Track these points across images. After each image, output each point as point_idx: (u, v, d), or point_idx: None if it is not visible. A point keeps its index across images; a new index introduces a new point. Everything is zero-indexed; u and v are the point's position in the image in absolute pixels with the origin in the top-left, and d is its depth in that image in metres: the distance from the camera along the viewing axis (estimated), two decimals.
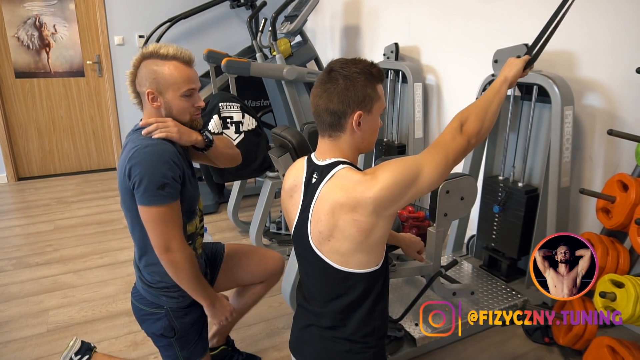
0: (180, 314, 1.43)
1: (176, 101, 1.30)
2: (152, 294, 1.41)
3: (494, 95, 1.18)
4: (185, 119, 1.33)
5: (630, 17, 1.87)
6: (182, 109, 1.31)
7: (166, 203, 1.22)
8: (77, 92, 4.16)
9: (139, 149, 1.23)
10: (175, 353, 1.47)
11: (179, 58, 1.29)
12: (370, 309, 1.13)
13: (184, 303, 1.43)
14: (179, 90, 1.28)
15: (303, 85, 3.19)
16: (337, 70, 1.07)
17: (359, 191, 1.00)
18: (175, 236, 1.25)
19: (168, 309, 1.42)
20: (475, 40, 2.63)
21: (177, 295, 1.41)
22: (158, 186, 1.19)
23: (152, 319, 1.43)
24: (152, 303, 1.43)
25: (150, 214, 1.22)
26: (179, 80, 1.27)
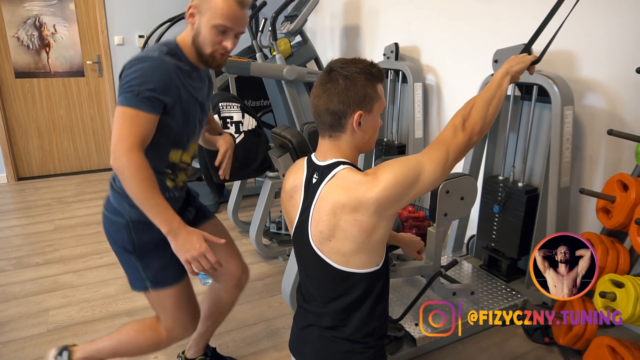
0: (141, 228, 1.31)
1: (206, 29, 1.23)
2: (117, 200, 1.32)
3: (496, 89, 1.16)
4: (207, 51, 1.26)
5: (630, 17, 1.87)
6: (207, 39, 1.25)
7: (135, 108, 1.16)
8: (77, 92, 4.17)
9: (140, 57, 1.21)
10: (139, 273, 1.36)
11: None
12: (370, 309, 1.13)
13: (144, 217, 1.24)
14: (214, 19, 1.22)
15: (303, 85, 3.20)
16: (337, 70, 1.07)
17: (361, 192, 1.00)
18: (125, 140, 1.15)
19: (129, 219, 1.31)
20: (475, 40, 2.63)
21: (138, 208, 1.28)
22: (137, 92, 1.15)
23: (114, 229, 1.34)
24: (115, 210, 1.33)
25: (118, 113, 1.17)
26: (220, 10, 1.21)
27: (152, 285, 1.38)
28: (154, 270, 1.37)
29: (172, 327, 1.44)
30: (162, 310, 1.44)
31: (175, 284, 1.40)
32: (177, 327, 1.45)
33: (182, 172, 1.43)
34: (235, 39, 1.29)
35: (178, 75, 1.25)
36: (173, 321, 1.44)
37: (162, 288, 1.38)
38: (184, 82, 1.28)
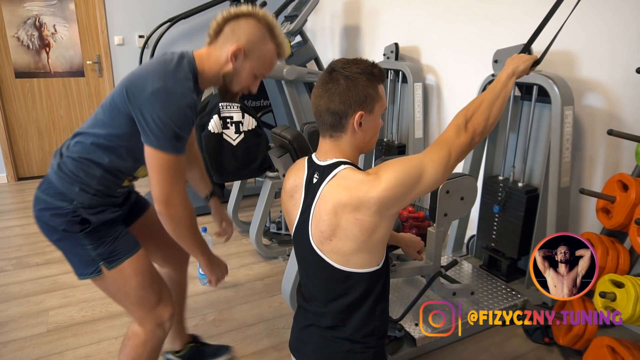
0: (90, 212, 1.27)
1: (247, 73, 1.26)
2: (65, 184, 1.25)
3: (501, 89, 1.16)
4: (235, 89, 1.30)
5: (630, 17, 1.87)
6: (243, 81, 1.28)
7: (177, 154, 1.16)
8: (77, 92, 4.16)
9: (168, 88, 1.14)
10: (89, 253, 1.27)
11: (280, 46, 1.27)
12: (370, 309, 1.13)
13: (96, 202, 1.27)
14: (259, 69, 1.27)
15: (303, 85, 3.20)
16: (339, 71, 1.07)
17: (363, 191, 1.00)
18: (178, 190, 1.19)
19: (78, 204, 1.25)
20: (475, 40, 2.63)
21: (93, 193, 1.27)
22: (174, 135, 1.14)
23: (52, 213, 1.25)
24: (60, 194, 1.25)
25: (159, 159, 1.15)
26: (266, 63, 1.27)
27: (107, 262, 1.28)
28: (106, 245, 1.28)
29: (146, 315, 1.35)
30: (126, 298, 1.34)
31: (132, 253, 1.32)
32: (147, 314, 1.35)
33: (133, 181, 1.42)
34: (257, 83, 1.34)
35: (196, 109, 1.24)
36: (143, 306, 1.34)
37: (118, 262, 1.29)
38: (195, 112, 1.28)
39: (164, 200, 1.18)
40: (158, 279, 1.40)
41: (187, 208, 1.22)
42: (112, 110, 1.24)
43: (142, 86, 1.15)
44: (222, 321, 2.10)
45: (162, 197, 1.18)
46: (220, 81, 1.29)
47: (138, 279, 1.32)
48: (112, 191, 1.32)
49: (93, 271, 1.29)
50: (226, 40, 1.24)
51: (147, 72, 1.19)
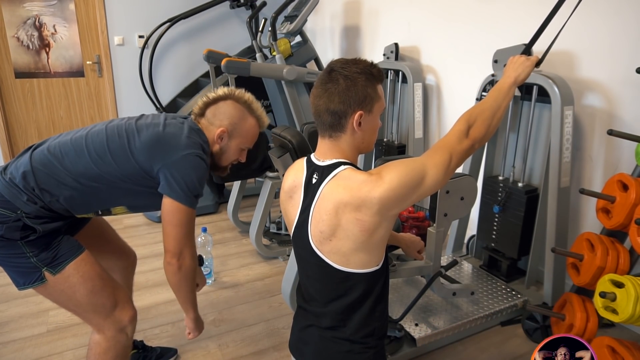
0: (36, 222, 1.24)
1: (233, 150, 1.41)
2: (12, 194, 1.22)
3: (503, 98, 1.18)
4: (224, 163, 1.43)
5: (630, 17, 1.87)
6: (231, 157, 1.43)
7: (194, 207, 1.29)
8: (77, 93, 4.16)
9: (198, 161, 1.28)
10: (31, 261, 1.23)
11: (260, 119, 1.42)
12: (370, 309, 1.13)
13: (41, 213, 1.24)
14: (243, 144, 1.42)
15: (303, 86, 3.20)
16: (338, 71, 1.07)
17: (364, 191, 1.00)
18: (190, 245, 1.30)
19: (22, 214, 1.21)
20: (475, 40, 2.63)
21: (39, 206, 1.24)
22: (195, 194, 1.28)
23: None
24: (4, 201, 1.22)
25: (180, 212, 1.26)
26: (250, 137, 1.42)
27: (51, 268, 1.24)
28: (47, 251, 1.24)
29: (104, 322, 1.32)
30: (78, 306, 1.30)
31: (75, 256, 1.28)
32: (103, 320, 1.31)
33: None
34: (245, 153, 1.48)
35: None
36: (98, 313, 1.30)
37: (62, 267, 1.25)
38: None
39: (178, 252, 1.27)
40: (110, 282, 1.36)
41: (194, 262, 1.32)
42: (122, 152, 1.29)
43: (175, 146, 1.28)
44: (222, 321, 2.10)
45: (176, 249, 1.27)
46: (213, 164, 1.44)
47: (87, 284, 1.28)
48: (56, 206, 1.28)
49: (36, 279, 1.24)
50: (210, 124, 1.39)
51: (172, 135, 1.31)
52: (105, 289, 1.33)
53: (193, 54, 4.27)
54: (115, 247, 1.65)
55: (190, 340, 1.94)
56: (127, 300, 1.40)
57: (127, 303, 1.39)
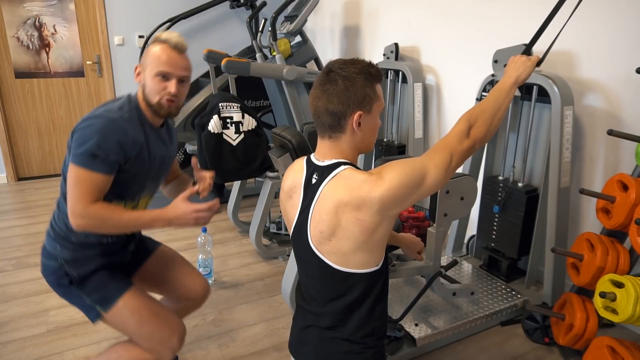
0: (75, 265, 1.38)
1: (149, 79, 1.31)
2: (51, 244, 1.38)
3: (504, 99, 1.18)
4: (153, 100, 1.32)
5: (630, 17, 1.87)
6: (152, 89, 1.32)
7: (91, 170, 1.22)
8: (77, 92, 4.17)
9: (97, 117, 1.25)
10: (86, 302, 1.38)
11: (167, 42, 1.32)
12: (370, 309, 1.12)
13: (77, 255, 1.38)
14: (154, 68, 1.30)
15: (303, 86, 3.20)
16: (336, 71, 1.06)
17: (365, 191, 1.00)
18: (80, 202, 1.23)
19: (62, 261, 1.37)
20: (475, 40, 2.63)
21: (72, 248, 1.37)
22: (90, 153, 1.21)
23: (49, 271, 1.40)
24: (49, 254, 1.39)
25: (71, 171, 1.23)
26: (157, 59, 1.30)
27: (102, 306, 1.37)
28: (97, 292, 1.38)
29: (151, 347, 1.40)
30: (131, 334, 1.41)
31: (122, 294, 1.38)
32: (155, 345, 1.39)
33: None
34: (180, 85, 1.34)
35: (136, 134, 1.30)
36: (147, 340, 1.39)
37: (111, 305, 1.37)
38: (142, 141, 1.33)
39: (70, 211, 1.24)
40: (159, 313, 1.42)
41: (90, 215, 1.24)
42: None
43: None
44: (222, 321, 2.11)
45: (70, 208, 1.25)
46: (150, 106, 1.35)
47: (134, 317, 1.38)
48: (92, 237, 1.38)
49: (95, 315, 1.39)
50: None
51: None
52: (153, 319, 1.40)
53: (193, 53, 4.22)
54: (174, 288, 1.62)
55: (190, 340, 1.94)
56: (175, 325, 1.44)
57: (176, 328, 1.44)
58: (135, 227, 1.31)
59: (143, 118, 1.35)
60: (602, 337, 1.56)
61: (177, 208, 1.29)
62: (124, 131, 1.26)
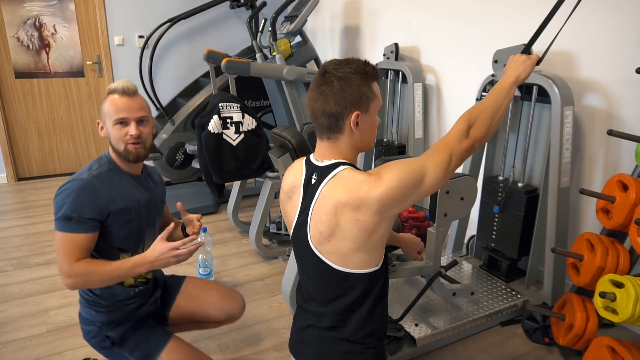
0: (112, 325, 1.46)
1: (111, 129, 1.37)
2: (85, 310, 1.46)
3: (504, 98, 1.18)
4: (120, 147, 1.37)
5: (630, 17, 1.87)
6: (115, 138, 1.36)
7: (70, 232, 1.28)
8: (77, 93, 4.16)
9: (69, 182, 1.32)
10: (128, 359, 1.46)
11: (115, 90, 1.37)
12: (370, 309, 1.12)
13: (113, 317, 1.46)
14: (111, 118, 1.35)
15: (303, 86, 3.19)
16: (331, 72, 1.06)
17: (364, 191, 1.00)
18: (64, 264, 1.28)
19: (99, 324, 1.45)
20: (475, 40, 2.63)
21: (105, 311, 1.45)
22: (64, 216, 1.27)
23: (91, 336, 1.47)
24: (86, 320, 1.47)
25: (55, 237, 1.30)
26: (111, 110, 1.35)
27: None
28: (139, 349, 1.46)
29: None
30: None
31: (163, 347, 1.45)
32: None
33: None
34: (140, 126, 1.38)
35: (110, 188, 1.36)
36: None
37: (155, 357, 1.44)
38: (117, 192, 1.37)
39: (59, 273, 1.30)
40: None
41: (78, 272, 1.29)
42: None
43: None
44: None
45: (58, 270, 1.31)
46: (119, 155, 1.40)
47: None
48: (119, 294, 1.45)
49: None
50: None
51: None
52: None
53: (193, 54, 4.27)
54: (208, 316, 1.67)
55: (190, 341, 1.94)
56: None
57: None
58: (120, 276, 1.33)
59: (117, 170, 1.40)
60: (602, 337, 1.56)
61: (155, 249, 1.32)
62: (94, 189, 1.31)
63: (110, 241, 1.37)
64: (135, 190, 1.43)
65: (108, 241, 1.37)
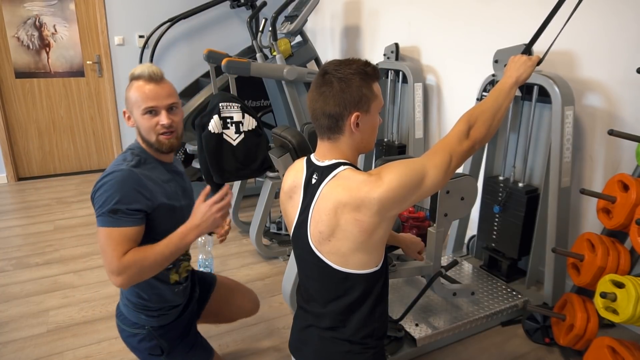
0: (164, 331, 1.44)
1: (140, 120, 1.30)
2: (133, 314, 1.42)
3: (504, 99, 1.17)
4: (152, 139, 1.30)
5: (630, 17, 1.87)
6: (146, 128, 1.30)
7: (115, 226, 1.20)
8: (77, 92, 4.16)
9: (107, 175, 1.24)
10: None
11: (142, 76, 1.29)
12: (370, 310, 1.12)
13: (165, 321, 1.44)
14: (139, 107, 1.28)
15: (303, 86, 3.19)
16: (331, 73, 1.06)
17: (364, 191, 1.00)
18: (112, 262, 1.20)
19: (150, 328, 1.42)
20: (476, 40, 2.62)
21: (158, 315, 1.43)
22: (110, 210, 1.19)
23: (136, 340, 1.44)
24: (134, 323, 1.43)
25: (99, 234, 1.21)
26: (139, 98, 1.28)
27: None
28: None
29: None
30: None
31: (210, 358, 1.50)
32: None
33: (183, 262, 1.49)
34: (171, 114, 1.32)
35: (150, 178, 1.29)
36: None
37: None
38: (159, 182, 1.32)
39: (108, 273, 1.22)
40: None
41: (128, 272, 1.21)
42: None
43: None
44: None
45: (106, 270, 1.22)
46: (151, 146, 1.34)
47: None
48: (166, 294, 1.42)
49: None
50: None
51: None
52: None
53: (193, 54, 4.27)
54: (231, 314, 1.74)
55: None
56: None
57: None
58: (172, 252, 1.25)
59: (152, 160, 1.34)
60: (603, 338, 1.56)
61: (197, 212, 1.26)
62: (137, 179, 1.24)
63: (155, 235, 1.28)
64: (172, 179, 1.39)
65: (153, 235, 1.28)
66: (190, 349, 1.50)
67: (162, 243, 1.24)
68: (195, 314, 1.63)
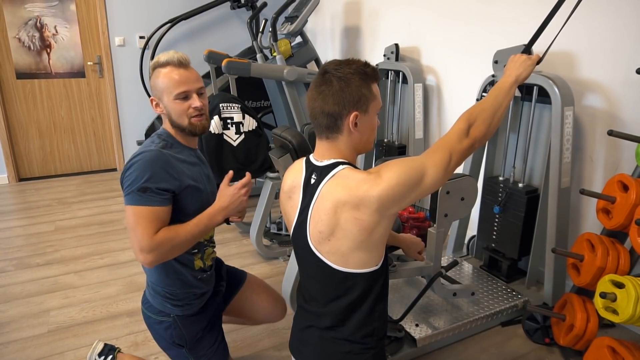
0: (188, 322, 1.45)
1: (171, 105, 1.33)
2: (160, 302, 1.43)
3: (504, 97, 1.18)
4: (184, 122, 1.34)
5: (630, 17, 1.87)
6: (178, 113, 1.33)
7: (144, 205, 1.22)
8: (78, 93, 4.17)
9: (137, 155, 1.27)
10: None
11: (170, 62, 1.33)
12: (370, 309, 1.13)
13: (190, 311, 1.45)
14: (170, 94, 1.32)
15: (303, 86, 3.20)
16: (331, 72, 1.06)
17: (363, 190, 1.00)
18: (143, 241, 1.22)
19: (175, 316, 1.44)
20: (476, 40, 2.63)
21: (182, 304, 1.43)
22: (140, 188, 1.22)
23: (162, 328, 1.45)
24: (159, 311, 1.44)
25: (128, 212, 1.24)
26: (170, 85, 1.31)
27: None
28: (207, 357, 1.49)
29: None
30: None
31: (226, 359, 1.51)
32: None
33: (208, 248, 1.49)
34: (200, 98, 1.36)
35: (178, 159, 1.33)
36: None
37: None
38: (187, 164, 1.35)
39: (136, 252, 1.24)
40: None
41: (159, 250, 1.23)
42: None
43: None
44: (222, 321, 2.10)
45: (135, 249, 1.24)
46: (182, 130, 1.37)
47: None
48: (190, 280, 1.43)
49: None
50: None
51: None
52: None
53: (194, 54, 4.25)
54: (256, 317, 1.74)
55: None
56: None
57: None
58: (201, 231, 1.30)
59: (178, 145, 1.38)
60: (603, 338, 1.56)
61: (223, 195, 1.33)
62: (166, 159, 1.27)
63: (181, 217, 1.31)
64: (198, 164, 1.42)
65: (180, 217, 1.31)
66: (213, 343, 1.51)
67: (192, 222, 1.29)
68: (221, 308, 1.63)
